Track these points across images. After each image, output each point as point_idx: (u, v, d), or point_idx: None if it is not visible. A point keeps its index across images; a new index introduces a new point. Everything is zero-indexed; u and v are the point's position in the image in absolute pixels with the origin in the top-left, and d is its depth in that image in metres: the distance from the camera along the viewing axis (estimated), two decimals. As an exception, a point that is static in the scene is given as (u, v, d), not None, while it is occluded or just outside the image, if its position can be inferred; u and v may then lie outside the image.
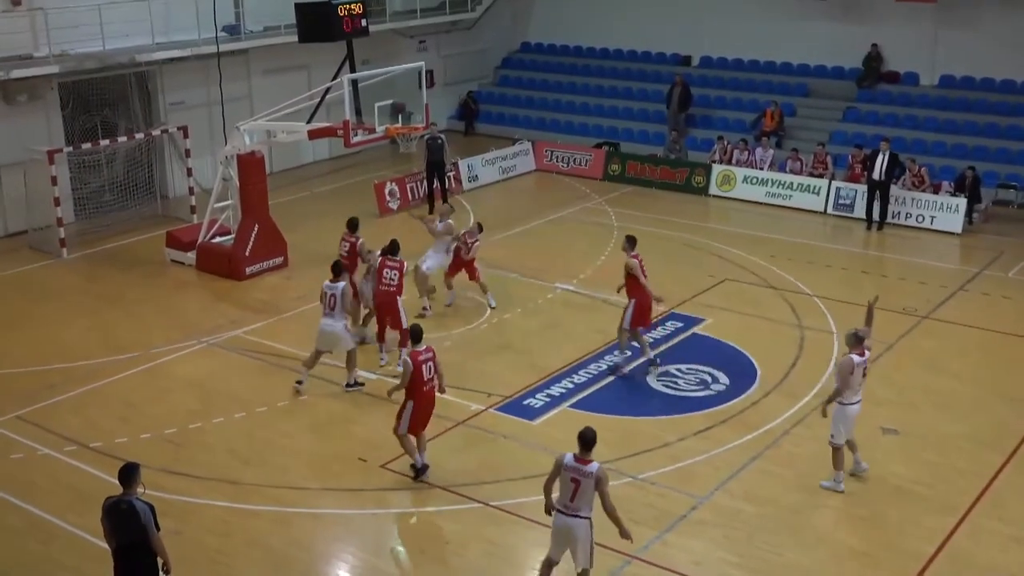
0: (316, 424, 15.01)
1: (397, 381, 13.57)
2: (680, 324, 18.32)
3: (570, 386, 16.02)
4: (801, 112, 30.11)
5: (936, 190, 24.67)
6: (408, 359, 13.18)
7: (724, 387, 16.00)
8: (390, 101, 20.11)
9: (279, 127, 21.29)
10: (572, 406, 15.42)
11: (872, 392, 15.72)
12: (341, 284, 15.63)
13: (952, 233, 23.75)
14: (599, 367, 16.64)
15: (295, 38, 24.46)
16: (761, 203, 26.23)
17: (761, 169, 26.91)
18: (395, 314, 16.44)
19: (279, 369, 16.72)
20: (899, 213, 24.37)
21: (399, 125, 20.16)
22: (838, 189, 25.46)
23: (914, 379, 16.30)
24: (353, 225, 18.13)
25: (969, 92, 28.63)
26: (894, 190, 24.29)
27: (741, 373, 16.39)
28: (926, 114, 28.53)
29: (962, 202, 24.01)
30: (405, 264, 16.83)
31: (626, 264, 16.26)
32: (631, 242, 16.45)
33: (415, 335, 13.35)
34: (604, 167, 28.81)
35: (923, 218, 24.18)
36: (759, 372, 16.46)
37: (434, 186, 25.79)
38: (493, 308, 19.03)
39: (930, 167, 25.60)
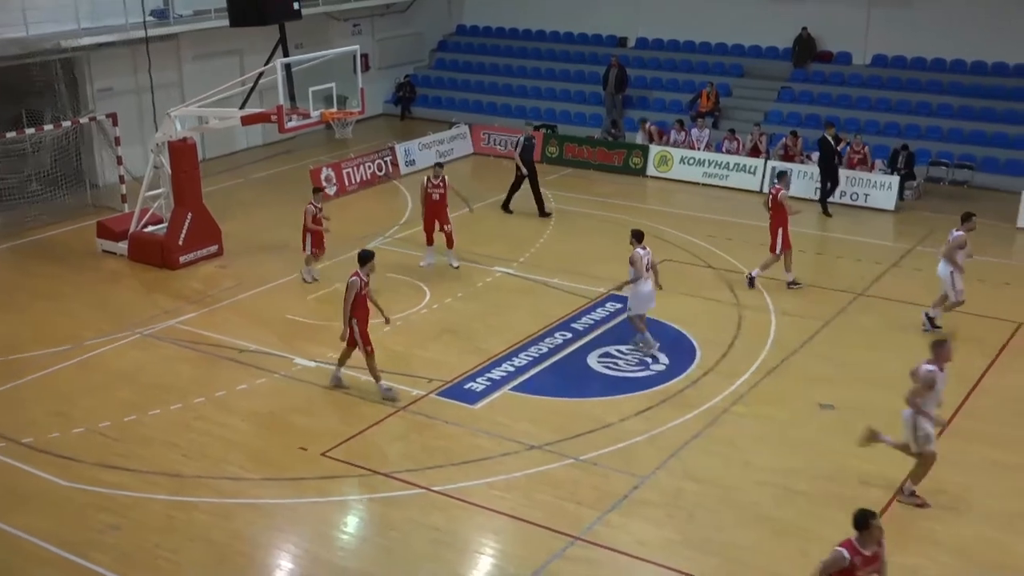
0: (256, 414, 14.82)
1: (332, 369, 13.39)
2: (620, 305, 18.35)
3: (511, 369, 15.99)
4: (737, 92, 30.33)
5: (870, 168, 25.00)
6: (355, 279, 14.54)
7: (664, 367, 16.08)
8: (328, 85, 19.92)
9: (211, 113, 20.95)
10: (513, 389, 15.40)
11: (808, 368, 15.98)
12: None
13: (885, 210, 24.09)
14: (540, 350, 16.64)
15: (226, 22, 24.13)
16: (698, 183, 26.40)
17: (698, 150, 27.07)
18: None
19: (216, 359, 16.49)
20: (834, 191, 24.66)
21: (334, 110, 19.94)
22: (773, 168, 25.67)
23: (850, 355, 16.51)
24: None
25: (901, 71, 29.06)
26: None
27: (681, 353, 16.48)
28: (859, 93, 28.89)
29: (895, 179, 24.36)
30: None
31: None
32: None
33: (363, 257, 14.76)
34: (542, 150, 28.77)
35: (857, 196, 24.49)
36: (699, 352, 16.57)
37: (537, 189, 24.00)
38: (455, 267, 19.80)
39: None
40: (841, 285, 19.36)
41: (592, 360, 16.31)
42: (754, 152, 26.46)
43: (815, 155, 24.67)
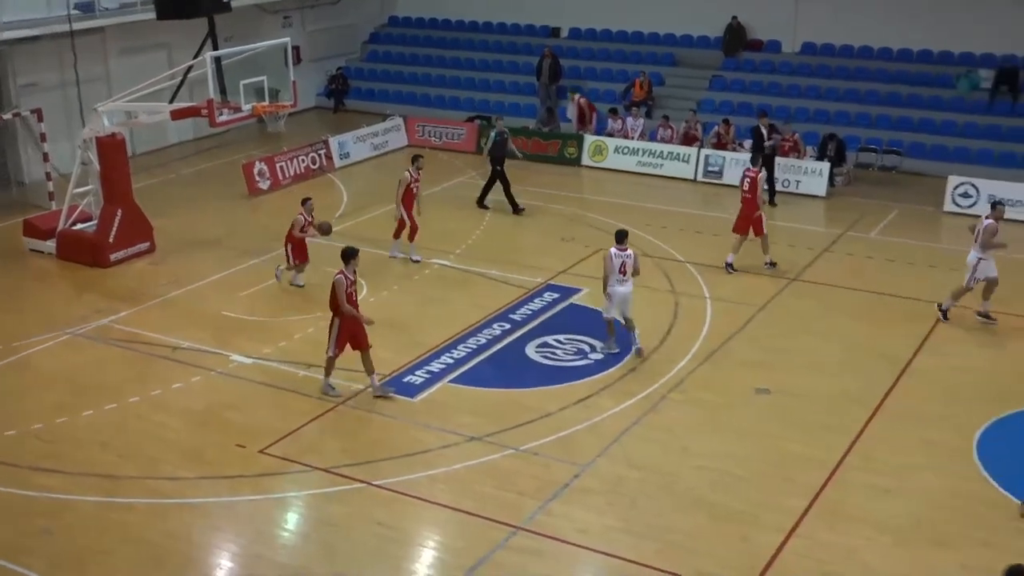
0: (192, 413, 14.61)
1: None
2: (557, 295, 18.42)
3: (450, 361, 15.96)
4: (669, 81, 30.54)
5: (801, 155, 25.33)
6: (340, 277, 14.21)
7: (603, 356, 16.15)
8: (260, 78, 19.67)
9: (140, 108, 20.58)
10: (452, 381, 15.37)
11: (744, 353, 16.17)
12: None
13: (817, 197, 24.43)
14: (478, 341, 16.63)
15: (153, 15, 23.71)
16: (633, 172, 26.55)
17: (632, 139, 27.22)
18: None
19: (151, 358, 16.23)
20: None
21: (266, 103, 19.72)
22: (707, 157, 25.94)
23: (784, 340, 16.73)
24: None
25: (830, 59, 29.49)
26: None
27: (619, 341, 16.56)
28: (789, 81, 29.26)
29: (825, 166, 24.70)
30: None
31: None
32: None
33: (347, 255, 14.43)
34: (477, 141, 28.74)
35: (789, 182, 24.79)
36: (636, 340, 16.65)
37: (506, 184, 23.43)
38: (416, 262, 19.80)
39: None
40: (775, 271, 19.59)
41: (530, 350, 16.34)
42: (688, 140, 26.65)
43: (747, 143, 24.95)
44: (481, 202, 23.56)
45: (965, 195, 23.33)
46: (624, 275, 15.81)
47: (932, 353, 16.25)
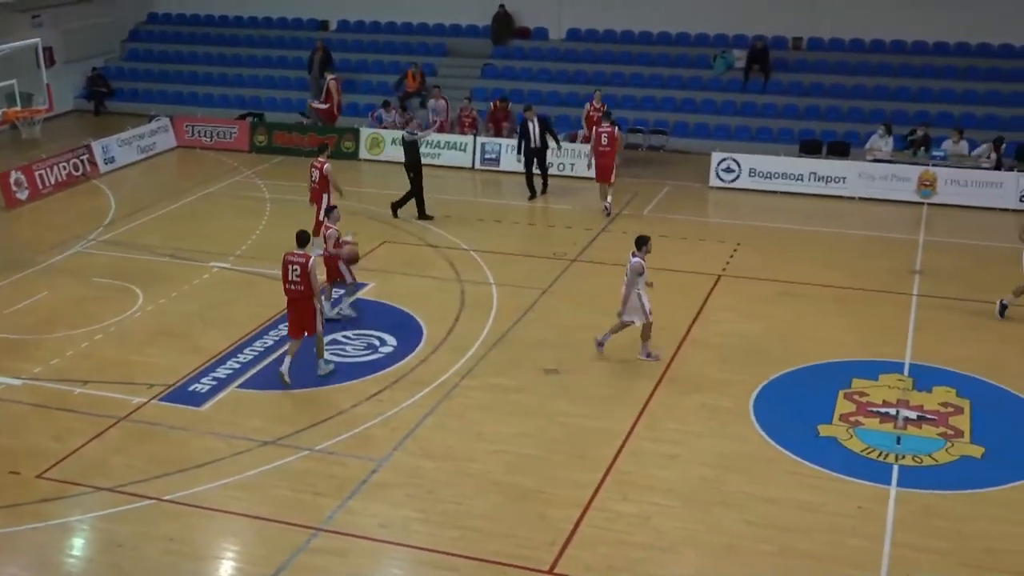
0: (-44, 442, 13.66)
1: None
2: (341, 291, 18.21)
3: (237, 366, 15.54)
4: (442, 71, 30.68)
5: (573, 139, 25.98)
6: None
7: (392, 348, 16.11)
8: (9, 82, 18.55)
9: None
10: (241, 386, 14.98)
11: (532, 336, 16.47)
12: None
13: (590, 178, 25.06)
14: (265, 344, 16.26)
15: None
16: (412, 163, 26.50)
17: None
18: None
19: (-95, 387, 15.05)
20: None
21: (18, 108, 18.62)
22: (483, 144, 26.23)
23: (570, 319, 17.14)
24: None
25: (595, 44, 30.40)
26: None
27: (408, 333, 16.57)
28: (558, 67, 29.96)
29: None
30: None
31: None
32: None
33: (301, 239, 14.79)
34: (250, 139, 28.06)
35: (564, 166, 25.38)
36: (425, 330, 16.71)
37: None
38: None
39: (564, 118, 26.94)
40: (555, 253, 20.03)
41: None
42: (465, 127, 26.82)
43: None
44: (422, 214, 22.25)
45: (728, 169, 24.54)
46: (625, 279, 15.62)
47: (707, 322, 17.03)
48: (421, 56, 30.83)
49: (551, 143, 23.81)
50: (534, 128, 23.56)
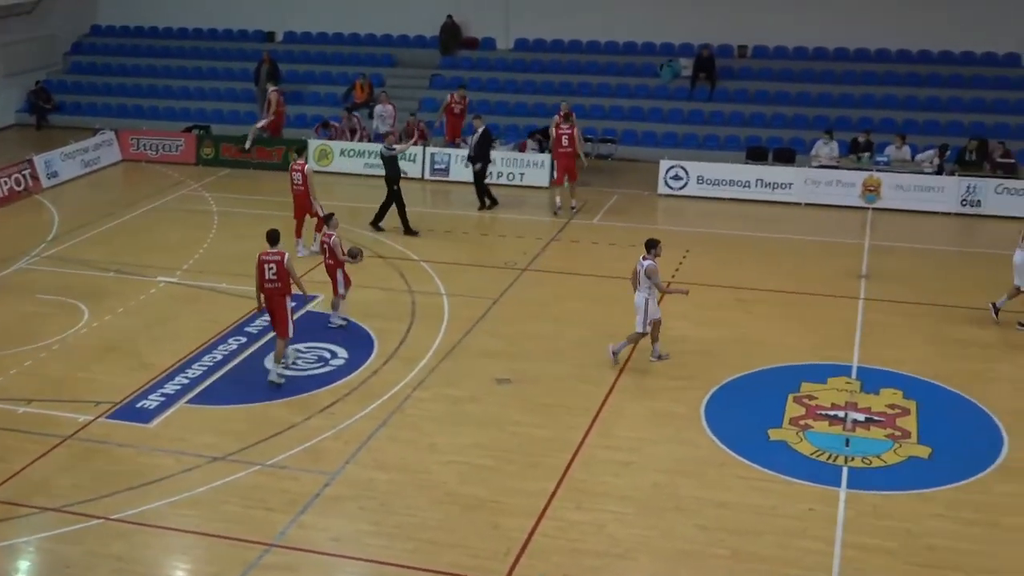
0: None
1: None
2: (293, 304, 18.03)
3: (185, 381, 15.35)
4: (390, 82, 30.62)
5: (523, 148, 26.04)
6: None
7: (344, 361, 16.01)
8: None
9: None
10: (190, 402, 14.80)
11: (483, 345, 16.46)
12: None
13: (541, 187, 25.18)
14: (214, 358, 16.09)
15: None
16: (361, 175, 26.42)
17: (360, 140, 27.11)
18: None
19: None
20: (491, 173, 25.39)
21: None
22: (433, 155, 26.19)
23: (521, 328, 17.14)
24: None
25: (542, 54, 30.54)
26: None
27: (359, 344, 16.48)
28: (506, 77, 30.04)
29: (546, 158, 25.45)
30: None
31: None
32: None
33: (272, 238, 14.99)
34: (196, 152, 27.79)
35: (514, 176, 25.43)
36: (376, 341, 16.64)
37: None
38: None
39: (513, 127, 27.01)
40: (506, 263, 20.04)
41: (269, 362, 15.94)
42: (412, 136, 26.73)
43: (470, 138, 25.37)
44: (407, 228, 22.00)
45: (676, 177, 24.73)
46: (637, 284, 15.59)
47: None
48: (369, 67, 30.75)
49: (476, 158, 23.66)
50: (474, 139, 23.63)
